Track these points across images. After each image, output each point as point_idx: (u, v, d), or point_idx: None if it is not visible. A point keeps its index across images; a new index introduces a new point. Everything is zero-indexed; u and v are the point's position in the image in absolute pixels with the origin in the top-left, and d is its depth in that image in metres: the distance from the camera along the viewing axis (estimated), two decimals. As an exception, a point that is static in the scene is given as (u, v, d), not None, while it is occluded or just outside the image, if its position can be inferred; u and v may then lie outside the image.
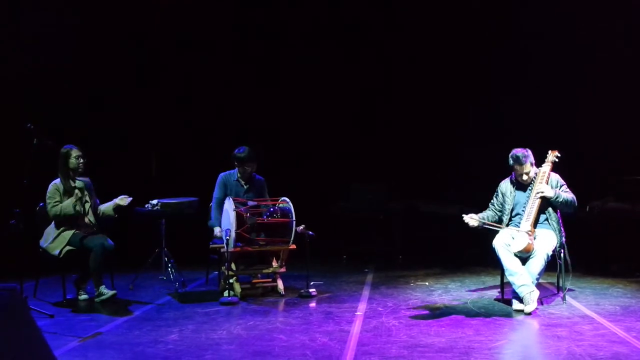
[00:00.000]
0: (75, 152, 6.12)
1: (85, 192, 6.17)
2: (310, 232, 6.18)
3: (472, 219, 5.73)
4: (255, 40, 9.28)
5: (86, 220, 6.15)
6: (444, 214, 8.57)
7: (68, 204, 6.01)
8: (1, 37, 8.16)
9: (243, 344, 4.75)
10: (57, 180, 6.11)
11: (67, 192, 6.08)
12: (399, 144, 9.31)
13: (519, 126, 8.21)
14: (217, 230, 6.41)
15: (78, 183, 6.13)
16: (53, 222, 6.08)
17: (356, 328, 5.09)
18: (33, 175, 5.67)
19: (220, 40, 9.24)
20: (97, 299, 6.01)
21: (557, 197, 5.62)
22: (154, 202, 6.76)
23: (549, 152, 5.80)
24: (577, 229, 6.04)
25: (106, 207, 6.23)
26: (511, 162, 5.76)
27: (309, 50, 9.28)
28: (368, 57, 9.34)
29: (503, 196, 5.88)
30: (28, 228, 5.80)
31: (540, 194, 5.62)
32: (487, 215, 5.88)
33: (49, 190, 6.07)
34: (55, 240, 6.00)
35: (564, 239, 5.74)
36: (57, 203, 6.01)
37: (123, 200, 6.14)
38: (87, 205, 6.18)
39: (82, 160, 6.13)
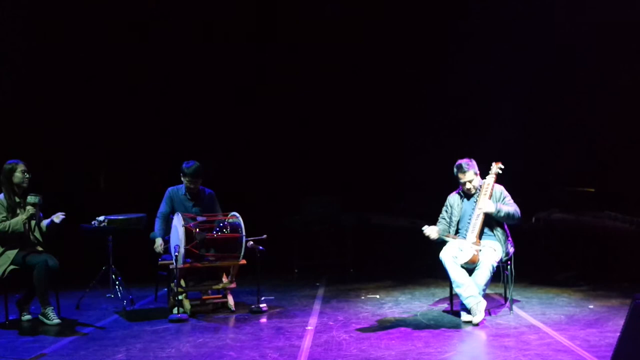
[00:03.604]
0: (20, 167, 5.96)
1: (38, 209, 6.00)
2: (261, 247, 6.15)
3: (432, 231, 5.78)
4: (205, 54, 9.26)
5: (31, 237, 5.98)
6: (394, 226, 8.64)
7: (18, 220, 5.84)
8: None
9: (192, 362, 4.69)
10: (1, 196, 5.94)
11: (11, 208, 5.91)
12: (350, 157, 9.36)
13: (472, 138, 8.33)
14: (158, 241, 6.35)
15: (31, 198, 5.87)
16: None
17: (307, 343, 5.08)
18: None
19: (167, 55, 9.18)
20: (40, 317, 5.87)
21: (498, 212, 5.69)
22: (101, 218, 6.63)
23: (493, 163, 5.90)
24: (523, 239, 6.15)
25: (44, 224, 6.06)
26: (455, 171, 5.86)
27: (257, 61, 9.28)
28: (319, 69, 9.36)
29: (451, 208, 5.96)
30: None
31: (481, 210, 5.70)
32: (441, 229, 5.92)
33: None
34: None
35: (512, 249, 5.83)
36: (4, 219, 5.84)
37: (57, 217, 5.99)
38: (33, 223, 6.01)
39: (27, 176, 5.98)
